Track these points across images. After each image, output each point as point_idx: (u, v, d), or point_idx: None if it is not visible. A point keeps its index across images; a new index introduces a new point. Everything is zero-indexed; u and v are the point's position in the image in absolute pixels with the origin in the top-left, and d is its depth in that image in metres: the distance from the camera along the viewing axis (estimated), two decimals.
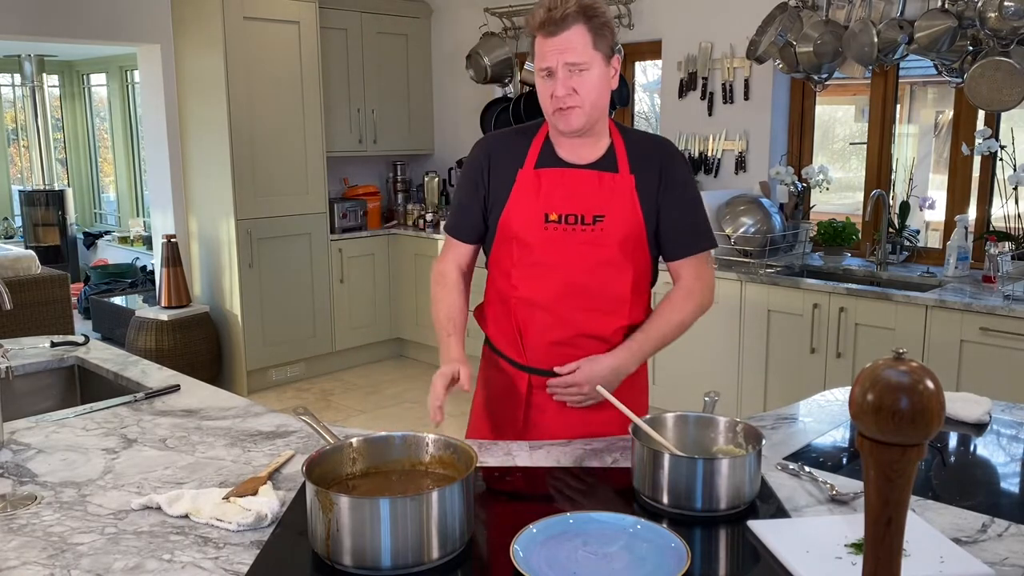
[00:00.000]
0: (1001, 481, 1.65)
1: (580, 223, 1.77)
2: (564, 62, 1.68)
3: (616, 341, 1.83)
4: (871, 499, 0.83)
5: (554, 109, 1.73)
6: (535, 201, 1.78)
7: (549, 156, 1.82)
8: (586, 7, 1.68)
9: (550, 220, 1.77)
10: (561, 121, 1.74)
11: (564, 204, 1.77)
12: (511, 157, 1.83)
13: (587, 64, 1.69)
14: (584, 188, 1.78)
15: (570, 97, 1.70)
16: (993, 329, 3.15)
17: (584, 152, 1.81)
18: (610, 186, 1.78)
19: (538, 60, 1.73)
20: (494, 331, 1.93)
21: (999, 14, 3.26)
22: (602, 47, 1.71)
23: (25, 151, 8.76)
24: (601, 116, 1.79)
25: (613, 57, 1.75)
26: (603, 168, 1.80)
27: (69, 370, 2.42)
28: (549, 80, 1.72)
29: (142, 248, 7.79)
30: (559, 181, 1.79)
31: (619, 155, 1.81)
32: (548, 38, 1.69)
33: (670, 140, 1.98)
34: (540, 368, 1.84)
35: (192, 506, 1.40)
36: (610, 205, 1.77)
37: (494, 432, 1.92)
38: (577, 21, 1.67)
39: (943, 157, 4.45)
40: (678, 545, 1.24)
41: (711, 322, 3.96)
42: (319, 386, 5.28)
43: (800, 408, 2.02)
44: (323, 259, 5.35)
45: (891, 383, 0.78)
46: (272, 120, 4.99)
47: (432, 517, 1.20)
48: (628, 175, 1.79)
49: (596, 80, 1.71)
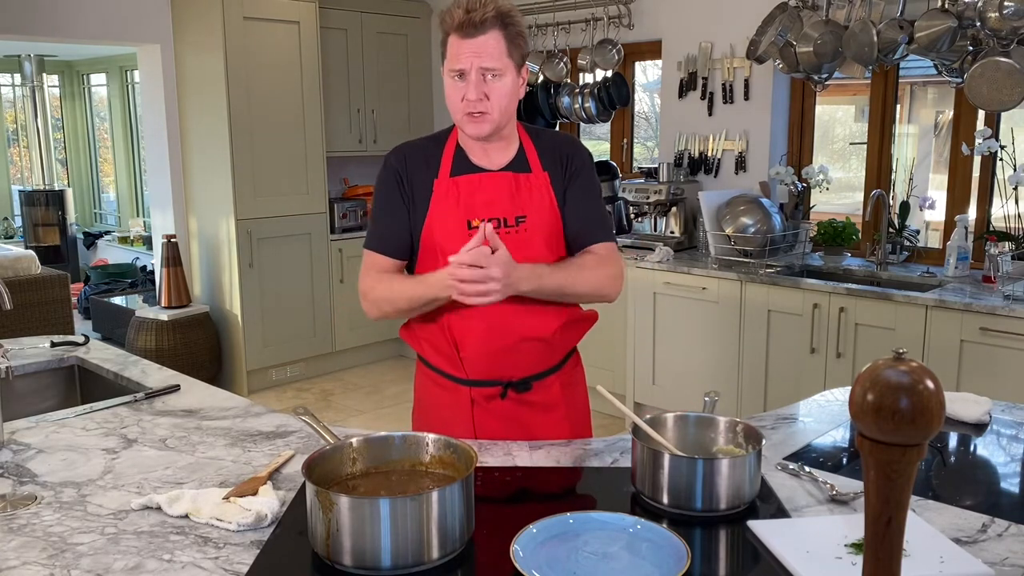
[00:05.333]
0: (1001, 481, 1.65)
1: (503, 226, 1.76)
2: (479, 66, 1.68)
3: (556, 341, 1.83)
4: (871, 499, 0.83)
5: (464, 113, 1.72)
6: (456, 209, 1.77)
7: (463, 163, 1.81)
8: (504, 14, 1.68)
9: (473, 226, 1.75)
10: (470, 126, 1.74)
11: (485, 209, 1.77)
12: (425, 167, 1.81)
13: (501, 71, 1.70)
14: (502, 191, 1.78)
15: (481, 103, 1.70)
16: (993, 329, 3.15)
17: (496, 156, 1.81)
18: (527, 186, 1.79)
19: (451, 61, 1.71)
20: (427, 348, 1.88)
21: (999, 14, 3.26)
22: (515, 56, 1.72)
23: (25, 151, 8.76)
24: (510, 121, 1.79)
25: (523, 67, 1.76)
26: (517, 169, 1.80)
27: (69, 370, 2.42)
28: (460, 82, 1.71)
29: (142, 248, 7.80)
30: (477, 187, 1.78)
31: (530, 155, 1.83)
32: (464, 39, 1.68)
33: (575, 137, 1.99)
34: (482, 380, 1.81)
35: (192, 506, 1.40)
36: (530, 205, 1.78)
37: None
38: (494, 27, 1.67)
39: (943, 157, 4.45)
40: (678, 545, 1.24)
41: (711, 322, 3.97)
42: (319, 386, 5.28)
43: (800, 408, 2.02)
44: (323, 259, 5.35)
45: (891, 383, 0.78)
46: (272, 120, 4.99)
47: (432, 517, 1.20)
48: (541, 172, 1.81)
49: (508, 87, 1.72)
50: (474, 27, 1.66)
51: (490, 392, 1.82)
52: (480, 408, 1.83)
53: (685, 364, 4.12)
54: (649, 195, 4.47)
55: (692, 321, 4.07)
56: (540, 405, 1.85)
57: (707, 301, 3.99)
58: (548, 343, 1.82)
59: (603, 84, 4.93)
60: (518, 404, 1.83)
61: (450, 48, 1.71)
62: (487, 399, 1.83)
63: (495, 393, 1.82)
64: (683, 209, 4.50)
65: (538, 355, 1.82)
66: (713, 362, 4.01)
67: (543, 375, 1.85)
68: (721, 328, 3.94)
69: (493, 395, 1.83)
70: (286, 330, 5.22)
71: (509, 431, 1.82)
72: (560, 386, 1.88)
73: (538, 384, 1.84)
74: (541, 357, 1.83)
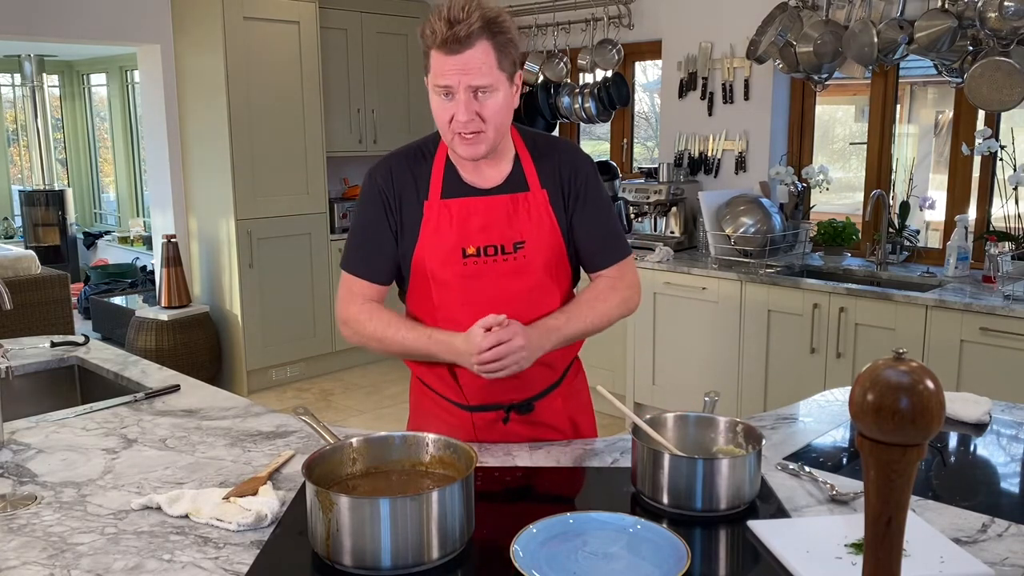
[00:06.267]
0: (1001, 481, 1.65)
1: (500, 253, 1.64)
2: (468, 84, 1.53)
3: (557, 361, 1.75)
4: (871, 499, 0.83)
5: (455, 133, 1.58)
6: (448, 235, 1.64)
7: (454, 183, 1.67)
8: (491, 21, 1.52)
9: (468, 255, 1.63)
10: (463, 148, 1.59)
11: (481, 235, 1.64)
12: (414, 186, 1.67)
13: (492, 86, 1.54)
14: (499, 214, 1.65)
15: (473, 123, 1.55)
16: (993, 329, 3.15)
17: (491, 173, 1.68)
18: (525, 207, 1.67)
19: (435, 76, 1.55)
20: (424, 371, 1.79)
21: (999, 14, 3.26)
22: (506, 66, 1.57)
23: (25, 151, 8.76)
24: (504, 136, 1.65)
25: (516, 74, 1.61)
26: (514, 189, 1.67)
27: (69, 370, 2.42)
28: (448, 100, 1.56)
29: (142, 248, 7.79)
30: (472, 210, 1.65)
31: (527, 169, 1.69)
32: (448, 56, 1.52)
33: (572, 142, 1.89)
34: (483, 405, 1.73)
35: (192, 506, 1.40)
36: (528, 228, 1.66)
37: None
38: (481, 37, 1.51)
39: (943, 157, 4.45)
40: (678, 545, 1.24)
41: (711, 322, 3.97)
42: (319, 386, 5.28)
43: (800, 408, 2.02)
44: (323, 259, 5.35)
45: (891, 383, 0.78)
46: (272, 120, 4.99)
47: (432, 517, 1.20)
48: (540, 190, 1.68)
49: (501, 102, 1.57)
50: (459, 42, 1.50)
51: (492, 416, 1.75)
52: (483, 432, 1.76)
53: (685, 364, 4.12)
54: (649, 195, 4.47)
55: (692, 321, 4.07)
56: (545, 425, 1.78)
57: (707, 301, 3.99)
58: (549, 365, 1.74)
59: (603, 84, 4.93)
60: (522, 425, 1.76)
61: (434, 63, 1.55)
62: (489, 424, 1.76)
63: (498, 418, 1.75)
64: (683, 209, 4.50)
65: (539, 376, 1.73)
66: (713, 362, 4.00)
67: (545, 393, 1.78)
68: (721, 328, 3.94)
69: (496, 419, 1.75)
70: (286, 330, 5.22)
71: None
72: (563, 399, 1.81)
73: (540, 404, 1.77)
74: (542, 377, 1.75)
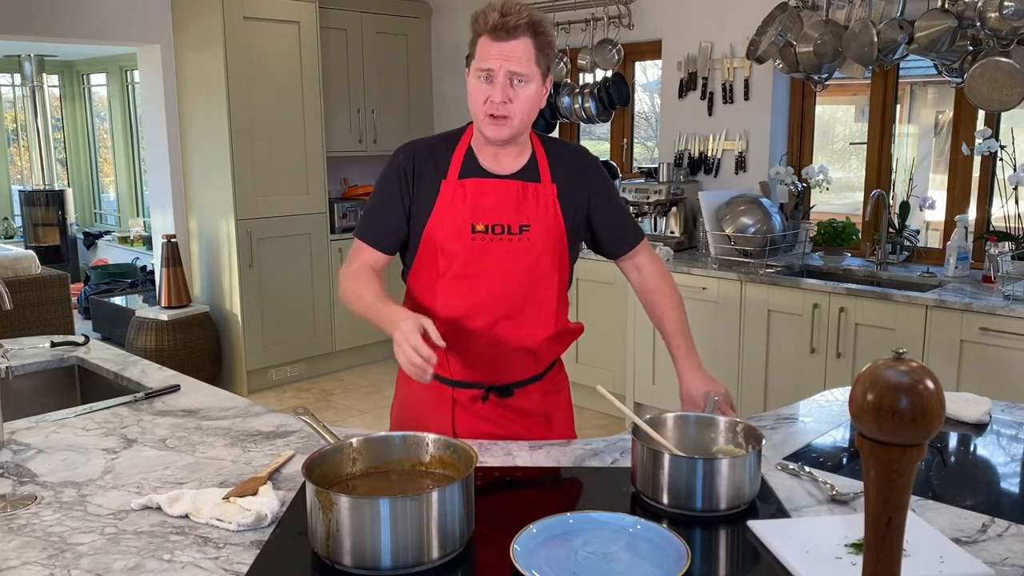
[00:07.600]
0: (1001, 481, 1.65)
1: (507, 232, 1.77)
2: (508, 70, 1.69)
3: (543, 353, 1.86)
4: (871, 499, 0.83)
5: (486, 114, 1.73)
6: (461, 211, 1.77)
7: (472, 166, 1.81)
8: (536, 23, 1.70)
9: (477, 230, 1.76)
10: (490, 128, 1.74)
11: (490, 214, 1.77)
12: (434, 166, 1.81)
13: (528, 77, 1.71)
14: (509, 198, 1.79)
15: (505, 106, 1.70)
16: (993, 329, 3.15)
17: (507, 162, 1.82)
18: (534, 196, 1.80)
19: (479, 60, 1.72)
20: None
21: (999, 14, 3.26)
22: (542, 65, 1.73)
23: (25, 151, 8.76)
24: (527, 129, 1.81)
25: (548, 77, 1.77)
26: (526, 178, 1.81)
27: (69, 370, 2.42)
28: (486, 83, 1.71)
29: (142, 248, 7.79)
30: (484, 191, 1.78)
31: (541, 165, 1.84)
32: (495, 42, 1.69)
33: (587, 149, 2.02)
34: (466, 382, 1.84)
35: (192, 506, 1.40)
36: (535, 214, 1.79)
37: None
38: (526, 33, 1.68)
39: (943, 157, 4.44)
40: (678, 545, 1.24)
41: (711, 322, 3.97)
42: (319, 386, 5.28)
43: (800, 408, 2.02)
44: (323, 259, 5.35)
45: (891, 383, 0.78)
46: (272, 120, 4.99)
47: (432, 517, 1.20)
48: (550, 184, 1.82)
49: (532, 95, 1.73)
50: (507, 31, 1.67)
51: (473, 394, 1.85)
52: (461, 408, 1.86)
53: None
54: (649, 195, 4.47)
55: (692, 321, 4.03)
56: (519, 410, 1.88)
57: (707, 301, 3.99)
58: (535, 354, 1.85)
59: (603, 84, 4.93)
60: (498, 407, 1.87)
61: (480, 49, 1.71)
62: (469, 400, 1.86)
63: (477, 395, 1.85)
64: (683, 209, 4.50)
65: (524, 364, 1.85)
66: (713, 362, 4.00)
67: (526, 383, 1.88)
68: (721, 328, 3.94)
69: (475, 397, 1.86)
70: (286, 330, 5.22)
71: (488, 430, 1.84)
72: (541, 393, 1.91)
73: (520, 391, 1.88)
74: (526, 366, 1.86)
